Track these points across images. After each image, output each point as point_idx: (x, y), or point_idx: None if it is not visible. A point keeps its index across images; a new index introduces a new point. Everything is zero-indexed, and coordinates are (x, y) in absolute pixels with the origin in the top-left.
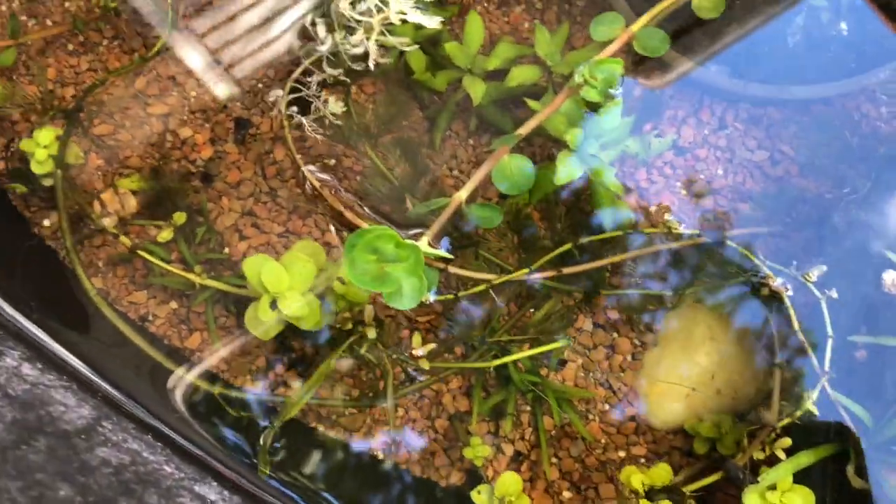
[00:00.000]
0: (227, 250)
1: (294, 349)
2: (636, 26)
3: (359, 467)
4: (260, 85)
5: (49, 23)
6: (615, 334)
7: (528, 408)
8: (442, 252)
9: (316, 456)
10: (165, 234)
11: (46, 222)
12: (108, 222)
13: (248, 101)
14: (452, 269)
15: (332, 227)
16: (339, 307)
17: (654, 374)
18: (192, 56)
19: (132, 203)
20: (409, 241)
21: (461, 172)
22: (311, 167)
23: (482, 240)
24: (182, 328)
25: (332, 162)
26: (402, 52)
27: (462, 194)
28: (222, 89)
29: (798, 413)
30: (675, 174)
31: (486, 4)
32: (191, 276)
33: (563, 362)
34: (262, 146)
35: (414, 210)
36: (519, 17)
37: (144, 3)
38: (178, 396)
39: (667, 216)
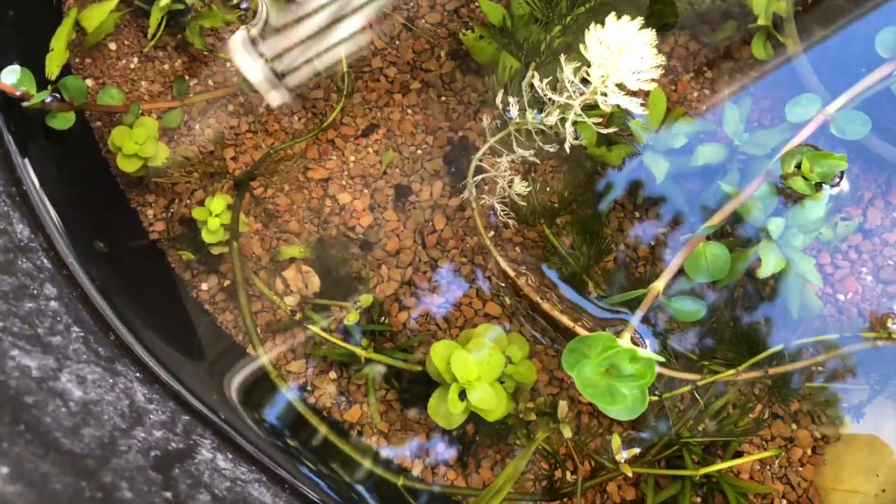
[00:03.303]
0: (385, 320)
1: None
2: (833, 107)
3: None
4: (419, 151)
5: (211, 83)
6: (794, 426)
7: (699, 499)
8: (652, 354)
9: None
10: (352, 317)
11: (204, 286)
12: (291, 301)
13: (408, 167)
14: (659, 369)
15: (504, 299)
16: (516, 392)
17: (837, 471)
18: (350, 121)
19: (315, 282)
20: (643, 355)
21: (626, 247)
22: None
23: (667, 327)
24: (341, 400)
25: (491, 234)
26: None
27: (659, 284)
28: (381, 154)
29: None
30: (860, 259)
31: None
32: (356, 350)
33: (738, 454)
34: (421, 214)
35: (608, 301)
36: (687, 86)
37: (308, 72)
38: (354, 478)
39: (890, 323)
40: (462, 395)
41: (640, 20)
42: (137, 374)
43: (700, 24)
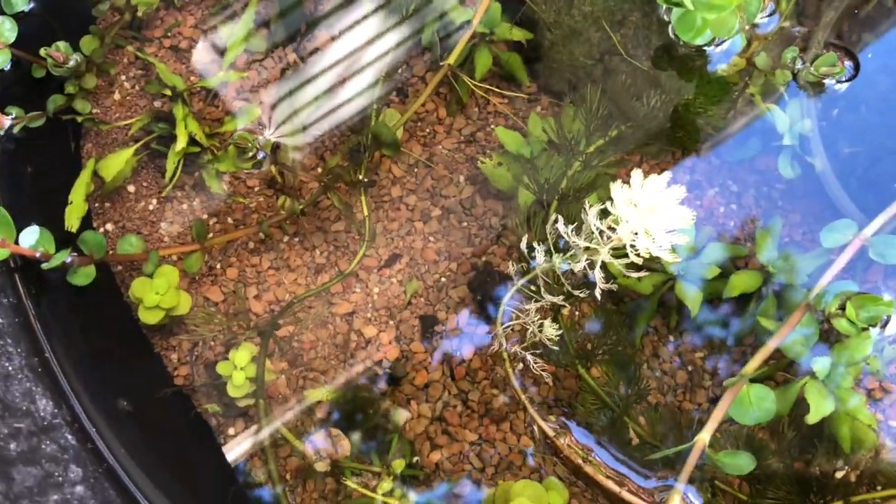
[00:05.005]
0: (416, 459)
1: None
2: (870, 230)
3: None
4: (443, 279)
5: (230, 221)
6: None
7: None
8: None
9: None
10: (385, 486)
11: (231, 431)
12: (322, 466)
13: (433, 296)
14: None
15: (534, 430)
16: None
17: None
18: (372, 250)
19: (346, 445)
20: None
21: (664, 373)
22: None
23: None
24: None
25: (520, 366)
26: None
27: (704, 436)
28: (405, 284)
29: None
30: None
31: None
32: (390, 501)
33: None
34: (448, 344)
35: (650, 456)
36: (713, 200)
37: (328, 204)
38: None
39: None
40: None
41: (667, 175)
42: None
43: (724, 139)
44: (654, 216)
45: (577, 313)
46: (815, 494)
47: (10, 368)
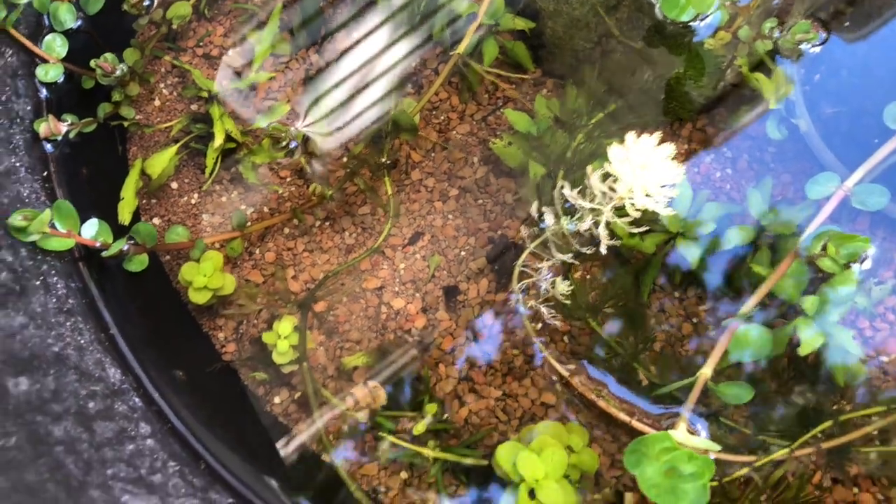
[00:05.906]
0: (447, 417)
1: None
2: (851, 181)
3: None
4: (463, 253)
5: (266, 209)
6: (856, 490)
7: None
8: (708, 444)
9: None
10: (420, 428)
11: (277, 399)
12: (362, 416)
13: (454, 269)
14: (715, 455)
15: (557, 386)
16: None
17: None
18: (396, 230)
19: (382, 396)
20: (700, 453)
21: (671, 326)
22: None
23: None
24: (415, 499)
25: (538, 326)
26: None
27: (706, 371)
28: (428, 259)
29: None
30: None
31: (675, 158)
32: (424, 451)
33: None
34: (471, 312)
35: (659, 391)
36: (709, 167)
37: (354, 190)
38: None
39: None
40: (531, 493)
41: (658, 135)
42: (230, 501)
43: (716, 108)
44: (646, 172)
45: (587, 276)
46: (812, 424)
47: (82, 342)
